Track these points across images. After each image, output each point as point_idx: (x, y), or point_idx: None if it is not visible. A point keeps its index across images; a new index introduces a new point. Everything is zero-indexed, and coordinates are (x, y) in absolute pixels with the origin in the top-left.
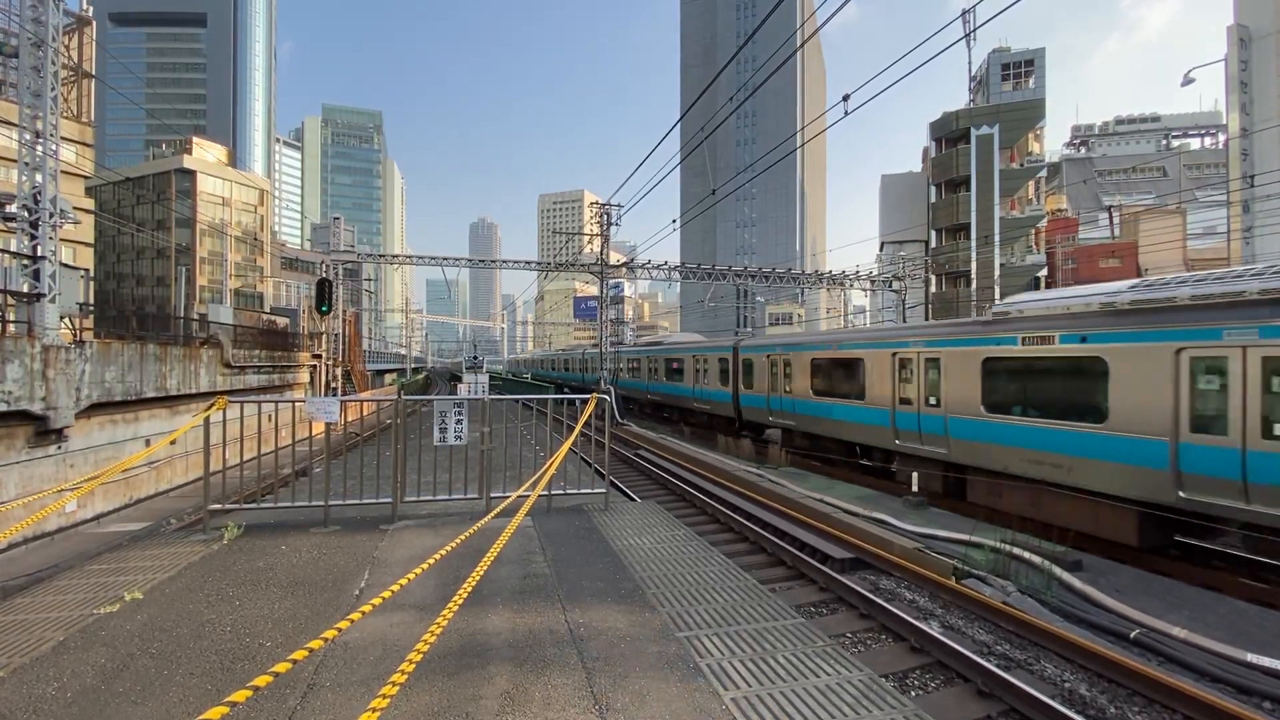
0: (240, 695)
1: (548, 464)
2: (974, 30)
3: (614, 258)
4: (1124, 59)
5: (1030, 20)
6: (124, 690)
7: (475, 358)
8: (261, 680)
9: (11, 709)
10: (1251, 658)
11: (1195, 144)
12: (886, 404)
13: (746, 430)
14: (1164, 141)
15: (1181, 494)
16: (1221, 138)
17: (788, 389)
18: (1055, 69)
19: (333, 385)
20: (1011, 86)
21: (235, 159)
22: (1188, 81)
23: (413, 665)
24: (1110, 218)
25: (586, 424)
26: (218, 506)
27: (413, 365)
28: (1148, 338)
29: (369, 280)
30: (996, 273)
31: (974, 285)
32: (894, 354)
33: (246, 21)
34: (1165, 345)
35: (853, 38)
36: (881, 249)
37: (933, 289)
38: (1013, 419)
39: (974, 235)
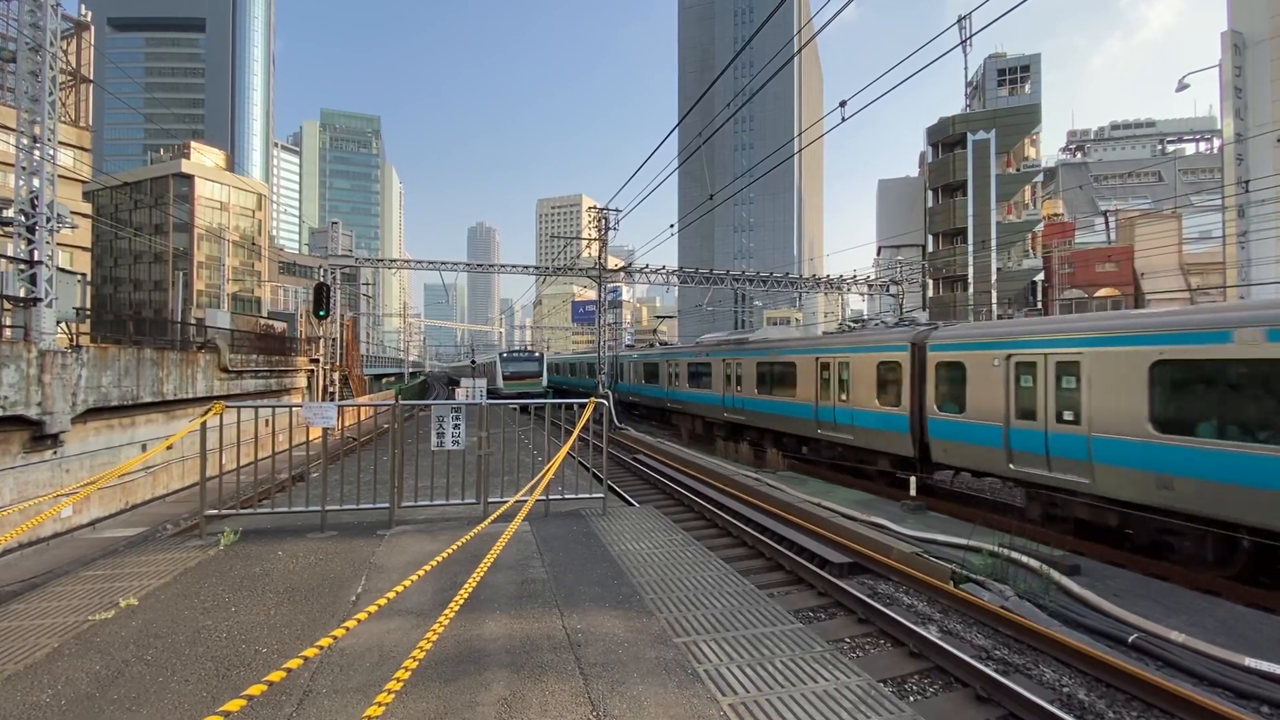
0: (236, 703)
1: (546, 469)
2: (970, 36)
3: (612, 262)
4: (1128, 58)
5: (1031, 21)
6: (119, 697)
7: (515, 351)
8: (257, 688)
9: (6, 716)
10: (1250, 662)
11: (1190, 149)
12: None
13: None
14: (1159, 147)
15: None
16: (1217, 143)
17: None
18: (1057, 69)
19: (330, 390)
20: (1008, 92)
21: (233, 163)
22: (1182, 87)
23: (409, 671)
24: (1107, 222)
25: (584, 428)
26: (214, 512)
27: (410, 370)
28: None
29: (367, 285)
30: (994, 277)
31: (971, 289)
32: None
33: (245, 26)
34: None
35: (850, 40)
36: (879, 253)
37: (930, 293)
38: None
39: (971, 239)
